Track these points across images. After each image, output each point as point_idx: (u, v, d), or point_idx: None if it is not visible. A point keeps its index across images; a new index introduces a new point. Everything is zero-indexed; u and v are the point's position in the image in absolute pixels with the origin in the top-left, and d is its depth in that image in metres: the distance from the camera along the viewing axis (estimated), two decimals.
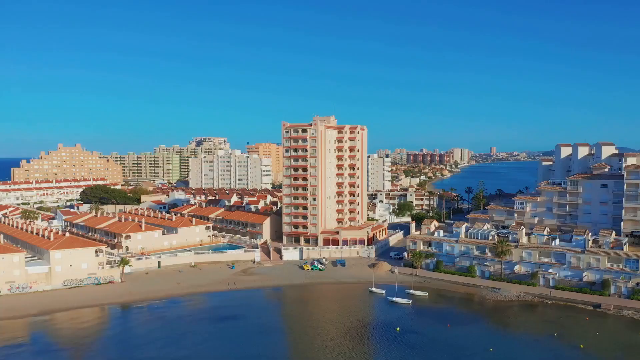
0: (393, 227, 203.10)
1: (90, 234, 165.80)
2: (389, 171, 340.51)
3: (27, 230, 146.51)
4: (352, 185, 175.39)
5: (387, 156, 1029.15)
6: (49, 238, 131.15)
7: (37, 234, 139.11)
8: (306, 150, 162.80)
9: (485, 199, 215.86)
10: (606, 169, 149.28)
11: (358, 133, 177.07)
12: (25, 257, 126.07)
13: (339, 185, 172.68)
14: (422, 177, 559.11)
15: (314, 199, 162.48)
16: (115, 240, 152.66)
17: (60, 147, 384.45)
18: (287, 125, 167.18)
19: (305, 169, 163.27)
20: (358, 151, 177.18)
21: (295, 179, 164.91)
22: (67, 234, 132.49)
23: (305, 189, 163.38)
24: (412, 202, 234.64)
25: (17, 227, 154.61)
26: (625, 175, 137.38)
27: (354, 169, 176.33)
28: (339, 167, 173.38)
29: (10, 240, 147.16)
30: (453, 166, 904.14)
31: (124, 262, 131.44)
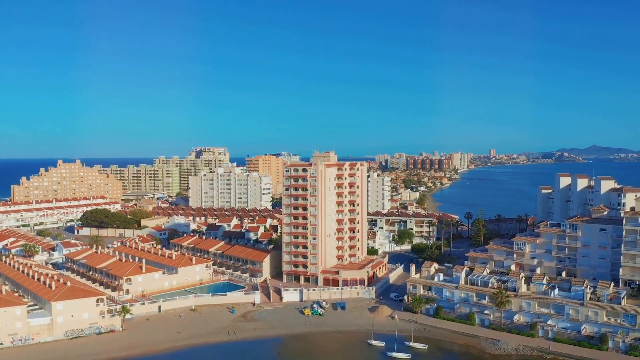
0: (393, 257, 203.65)
1: (90, 272, 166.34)
2: (389, 190, 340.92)
3: (28, 274, 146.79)
4: (352, 221, 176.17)
5: (386, 161, 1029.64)
6: (50, 286, 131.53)
7: (39, 279, 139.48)
8: (306, 190, 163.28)
9: (485, 228, 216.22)
10: (605, 212, 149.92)
11: (358, 169, 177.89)
12: (27, 306, 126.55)
13: (339, 222, 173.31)
14: (422, 188, 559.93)
15: (314, 239, 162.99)
16: (116, 283, 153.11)
17: (60, 163, 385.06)
18: (288, 164, 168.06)
19: (305, 208, 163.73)
20: (358, 187, 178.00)
21: (295, 217, 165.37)
22: (69, 283, 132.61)
23: (305, 227, 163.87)
24: (412, 229, 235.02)
25: (18, 269, 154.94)
26: (624, 222, 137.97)
27: (353, 204, 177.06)
28: (339, 203, 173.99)
29: (11, 284, 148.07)
30: (452, 172, 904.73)
31: (124, 310, 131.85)
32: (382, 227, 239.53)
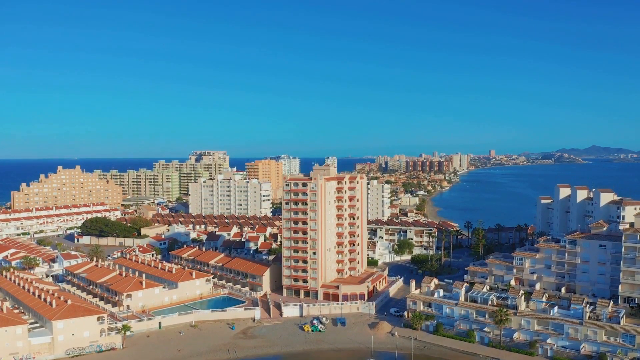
0: (393, 268, 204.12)
1: (91, 287, 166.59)
2: (388, 197, 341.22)
3: (29, 290, 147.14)
4: (352, 234, 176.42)
5: (386, 163, 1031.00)
6: (50, 304, 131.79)
7: (40, 296, 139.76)
8: (306, 204, 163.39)
9: (484, 238, 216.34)
10: (604, 228, 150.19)
11: (357, 183, 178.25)
12: (28, 324, 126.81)
13: (339, 235, 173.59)
14: (422, 192, 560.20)
15: (314, 253, 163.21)
16: (117, 298, 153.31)
17: (60, 169, 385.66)
18: (288, 179, 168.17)
19: (305, 223, 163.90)
20: (358, 200, 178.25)
21: (295, 232, 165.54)
22: (69, 301, 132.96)
23: (305, 242, 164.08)
24: (411, 239, 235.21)
25: (18, 284, 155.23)
26: (623, 238, 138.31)
27: (353, 218, 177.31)
28: (339, 217, 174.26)
29: (12, 300, 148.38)
30: (452, 175, 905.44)
31: (125, 328, 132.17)
32: (382, 237, 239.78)
